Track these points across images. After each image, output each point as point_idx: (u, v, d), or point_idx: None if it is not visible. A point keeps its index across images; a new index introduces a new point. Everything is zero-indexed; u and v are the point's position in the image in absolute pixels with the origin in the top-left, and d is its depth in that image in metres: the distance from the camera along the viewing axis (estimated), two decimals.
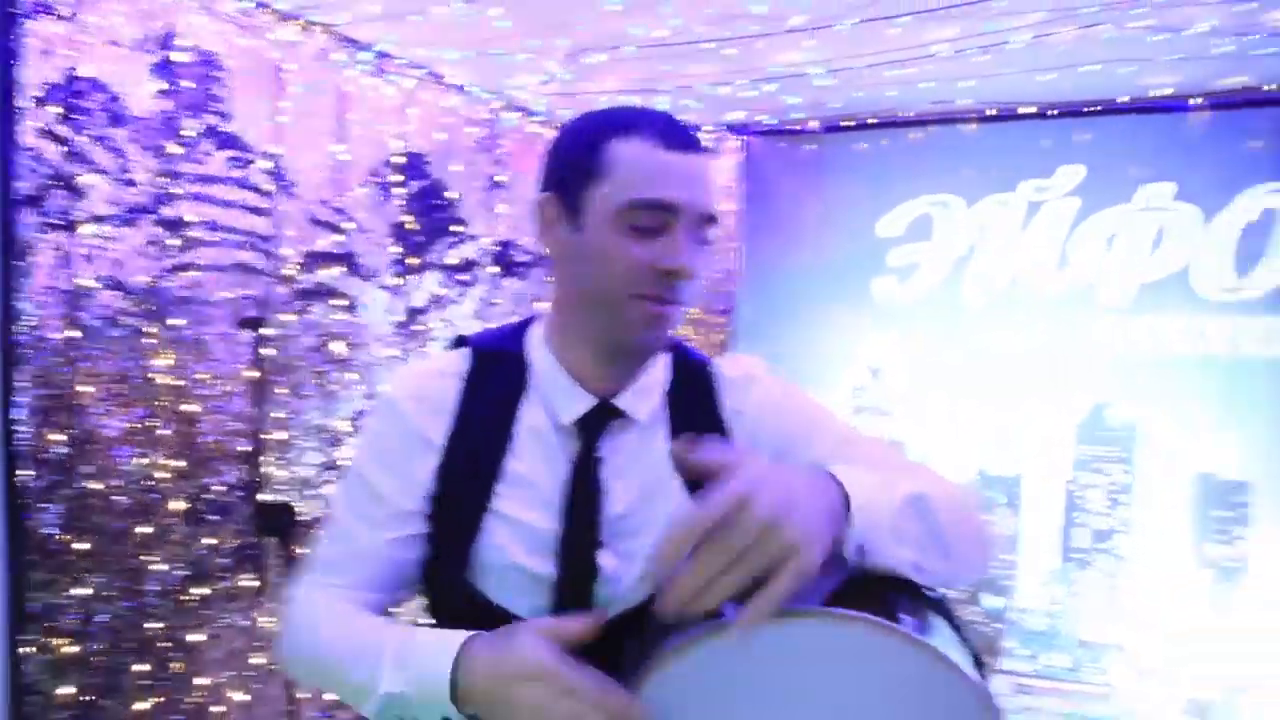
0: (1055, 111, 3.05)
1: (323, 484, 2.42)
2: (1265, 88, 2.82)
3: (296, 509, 2.09)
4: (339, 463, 2.44)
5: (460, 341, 1.07)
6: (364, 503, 1.01)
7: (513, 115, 3.10)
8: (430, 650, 0.86)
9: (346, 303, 2.49)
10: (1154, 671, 3.07)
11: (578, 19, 2.31)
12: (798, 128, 3.35)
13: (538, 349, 1.02)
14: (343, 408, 2.48)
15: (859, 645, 0.71)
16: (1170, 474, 3.09)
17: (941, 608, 0.82)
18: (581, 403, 0.99)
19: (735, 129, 3.40)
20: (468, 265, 2.96)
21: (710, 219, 0.95)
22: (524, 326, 1.07)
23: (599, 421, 0.99)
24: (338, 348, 2.44)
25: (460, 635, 0.85)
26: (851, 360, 3.40)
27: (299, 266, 2.36)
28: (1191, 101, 2.90)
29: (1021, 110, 3.09)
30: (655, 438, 1.02)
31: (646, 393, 1.02)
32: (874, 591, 0.78)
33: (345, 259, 2.49)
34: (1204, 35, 2.43)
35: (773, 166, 3.42)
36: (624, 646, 0.85)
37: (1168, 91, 2.90)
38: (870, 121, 3.25)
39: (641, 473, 1.00)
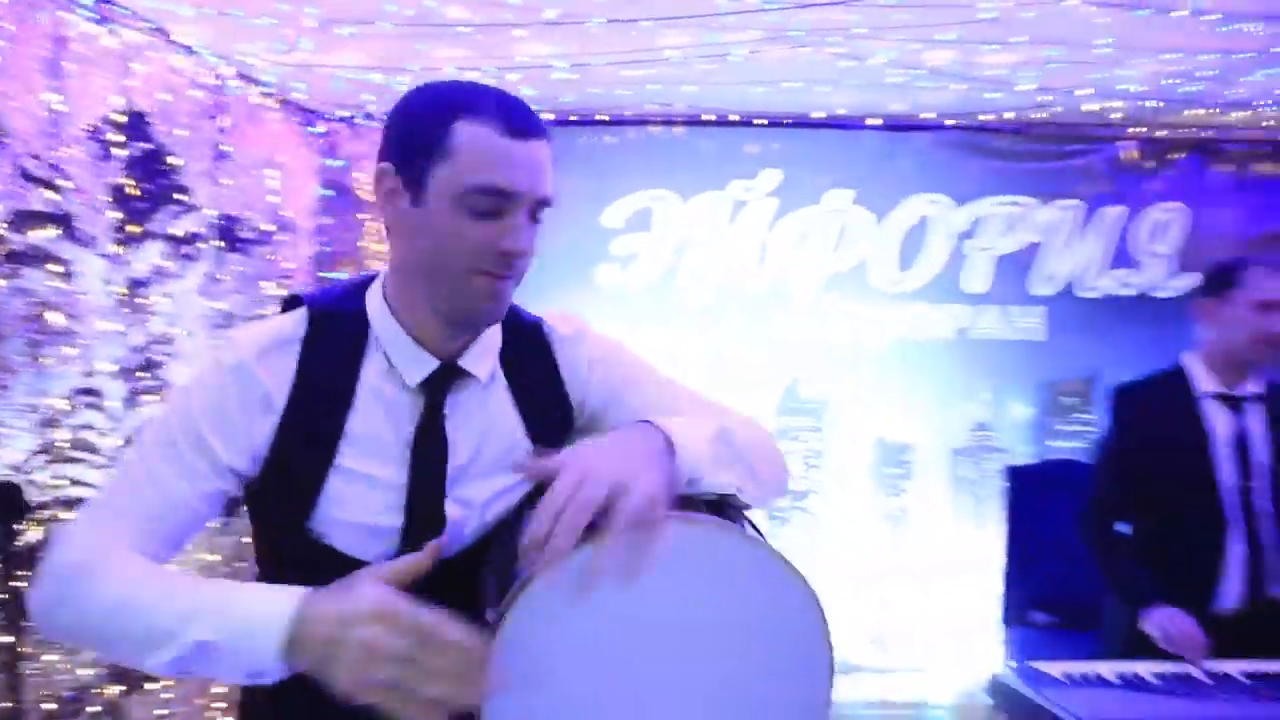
0: (763, 121, 3.46)
1: (34, 470, 2.17)
2: (923, 115, 3.41)
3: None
4: (56, 445, 2.19)
5: (295, 301, 1.09)
6: (187, 453, 1.00)
7: (240, 84, 2.95)
8: (261, 601, 0.88)
9: (62, 269, 2.26)
10: (843, 611, 3.56)
11: None
12: None
13: (378, 310, 1.05)
14: (57, 385, 2.24)
15: (706, 543, 0.86)
16: (855, 440, 3.61)
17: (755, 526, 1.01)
18: (427, 365, 1.04)
19: None
20: (191, 238, 2.78)
21: (546, 202, 1.01)
22: (361, 286, 1.09)
23: (443, 382, 1.05)
24: (54, 318, 2.20)
25: (298, 589, 0.87)
26: None
27: (7, 225, 2.11)
28: (868, 121, 3.44)
29: (732, 117, 3.47)
30: (494, 393, 1.09)
31: (486, 352, 1.08)
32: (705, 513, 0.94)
33: (61, 221, 2.25)
34: (881, 66, 2.90)
35: None
36: (479, 580, 0.95)
37: (844, 111, 3.42)
38: (600, 118, 3.47)
39: (482, 425, 1.07)
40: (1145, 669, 1.94)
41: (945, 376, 3.56)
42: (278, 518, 1.03)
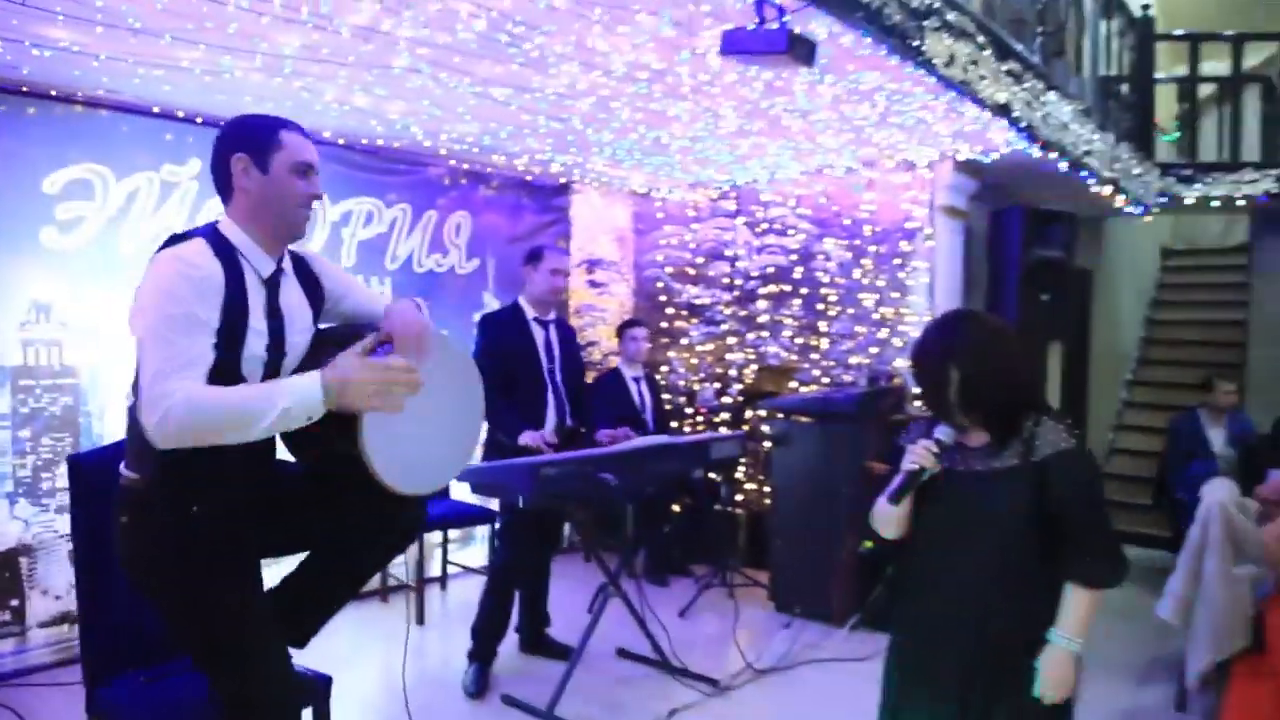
0: (201, 120, 4.25)
1: None
2: (324, 134, 4.62)
3: None
4: None
5: (182, 236, 1.92)
6: (194, 326, 1.81)
7: None
8: (301, 381, 1.89)
9: None
10: None
11: None
12: None
13: (241, 238, 1.94)
14: None
15: (447, 349, 2.23)
16: None
17: None
18: (269, 266, 2.00)
19: None
20: None
21: (318, 171, 2.11)
22: (213, 227, 1.95)
23: (275, 275, 2.09)
24: None
25: (315, 371, 1.91)
26: (19, 299, 3.88)
27: None
28: None
29: (179, 112, 4.17)
30: (293, 280, 2.14)
31: (286, 261, 2.15)
32: None
33: None
34: (283, 90, 4.05)
35: None
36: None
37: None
38: (52, 93, 3.83)
39: (290, 298, 2.12)
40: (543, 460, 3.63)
41: None
42: (222, 356, 1.86)
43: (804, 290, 5.57)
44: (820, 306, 5.51)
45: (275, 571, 2.26)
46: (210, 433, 1.79)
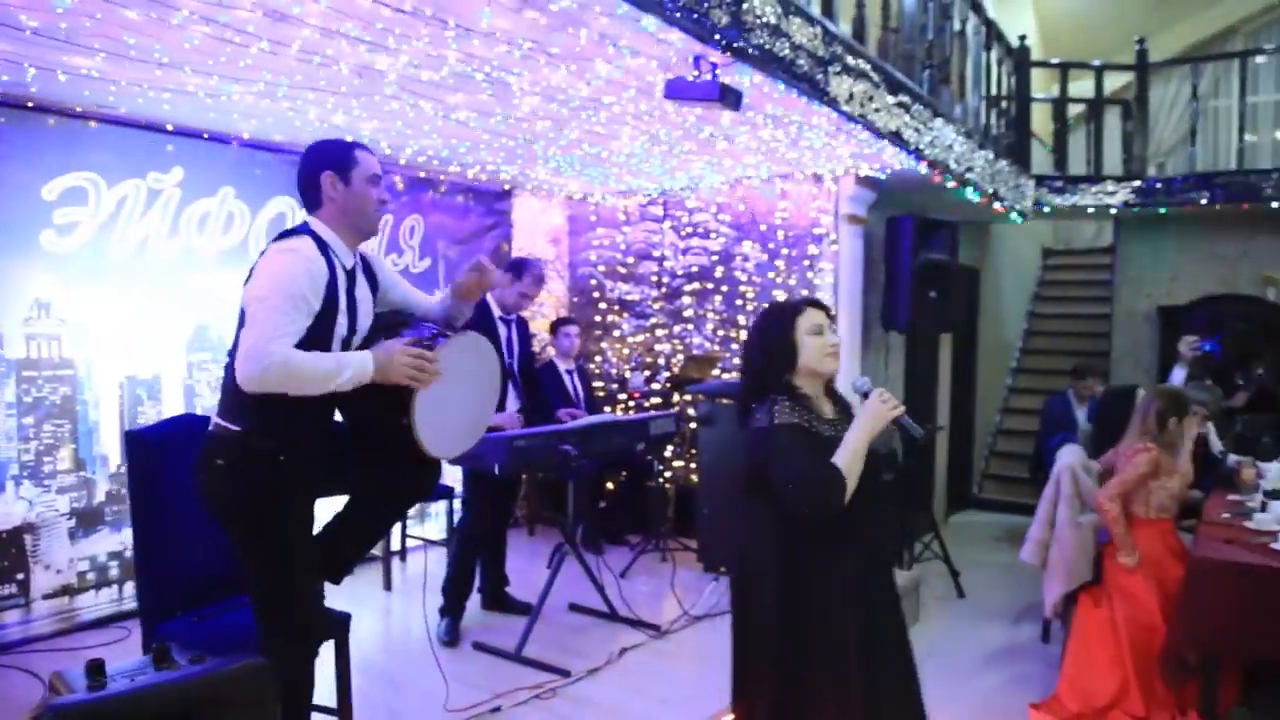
0: (170, 128, 4.64)
1: None
2: (275, 138, 5.06)
3: None
4: None
5: (292, 232, 2.56)
6: (302, 305, 2.35)
7: None
8: (360, 355, 2.51)
9: None
10: None
11: None
12: None
13: (330, 236, 2.57)
14: None
15: (476, 338, 2.83)
16: None
17: None
18: (351, 260, 2.71)
19: None
20: None
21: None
22: (307, 227, 2.54)
23: (354, 268, 2.73)
24: None
25: (369, 350, 2.55)
26: (22, 296, 4.25)
27: None
28: (245, 136, 4.94)
29: (149, 124, 4.57)
30: (362, 273, 2.76)
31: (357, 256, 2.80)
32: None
33: None
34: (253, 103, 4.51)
35: None
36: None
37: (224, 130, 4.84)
38: (45, 107, 4.19)
39: (361, 288, 2.75)
40: (515, 434, 4.18)
41: None
42: (318, 335, 2.44)
43: (724, 288, 6.24)
44: (739, 302, 6.19)
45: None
46: (296, 385, 2.35)
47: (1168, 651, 3.69)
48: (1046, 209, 7.68)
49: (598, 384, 6.76)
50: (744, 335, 6.09)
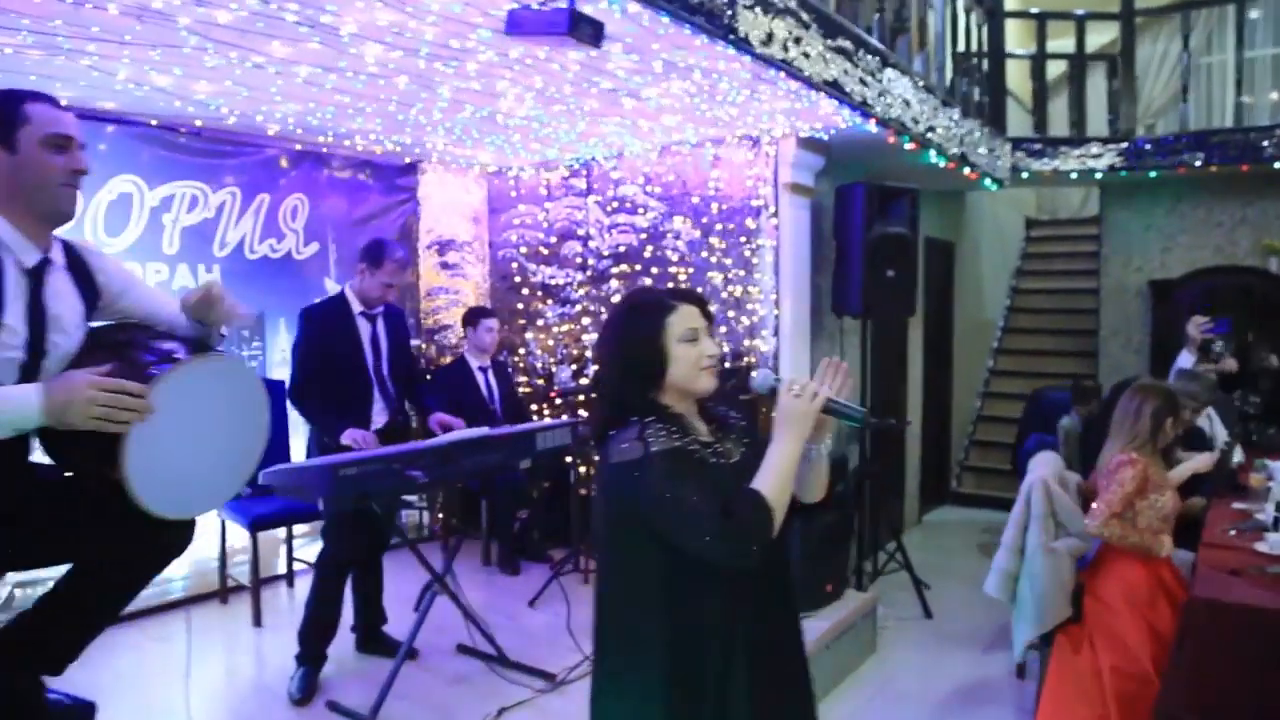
0: None
1: None
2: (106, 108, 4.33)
3: None
4: None
5: None
6: None
7: None
8: (17, 392, 1.83)
9: None
10: None
11: None
12: None
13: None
14: None
15: (233, 365, 2.15)
16: None
17: None
18: (35, 255, 1.98)
19: None
20: None
21: (82, 144, 2.00)
22: None
23: (42, 266, 2.01)
24: None
25: (38, 384, 1.83)
26: None
27: None
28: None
29: None
30: (63, 273, 2.06)
31: (57, 251, 2.08)
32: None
33: None
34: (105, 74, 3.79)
35: None
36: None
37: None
38: None
39: (59, 291, 2.05)
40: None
41: None
42: None
43: (655, 269, 5.52)
44: (671, 285, 5.46)
45: None
46: None
47: (1160, 710, 2.97)
48: (1025, 175, 6.94)
49: (522, 380, 6.05)
50: None
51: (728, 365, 4.95)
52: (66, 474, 2.10)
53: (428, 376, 5.46)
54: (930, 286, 7.12)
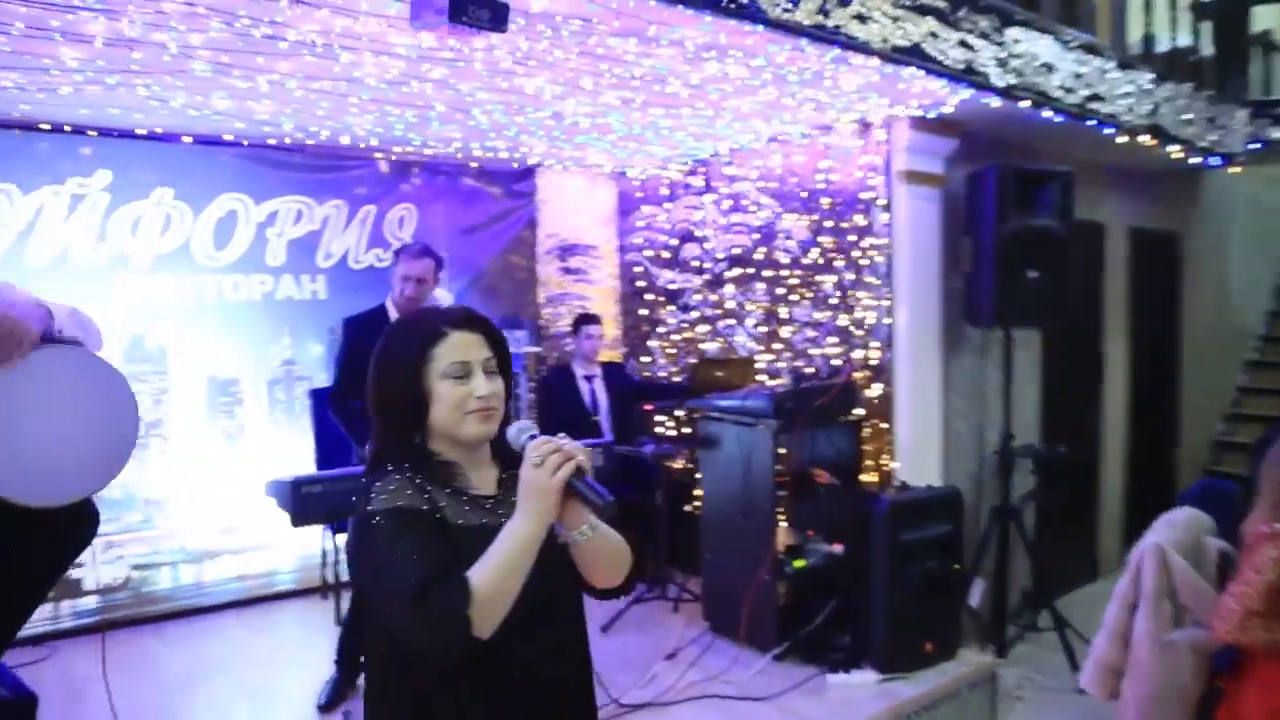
0: (94, 132, 4.34)
1: None
2: (224, 135, 4.62)
3: None
4: None
5: None
6: None
7: None
8: None
9: None
10: (197, 509, 4.67)
11: None
12: None
13: None
14: None
15: (75, 356, 2.08)
16: (192, 378, 4.71)
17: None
18: None
19: None
20: None
21: None
22: None
23: None
24: None
25: None
26: None
27: None
28: (183, 138, 4.55)
29: (65, 127, 4.29)
30: None
31: None
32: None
33: None
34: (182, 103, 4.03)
35: None
36: None
37: (161, 129, 4.46)
38: None
39: None
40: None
41: (258, 326, 4.85)
42: None
43: (766, 273, 5.02)
44: (781, 291, 4.95)
45: None
46: None
47: None
48: (1268, 147, 5.58)
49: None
50: (785, 333, 4.88)
51: (806, 384, 4.37)
52: None
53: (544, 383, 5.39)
54: (1142, 289, 5.94)
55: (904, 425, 4.43)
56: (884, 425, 4.46)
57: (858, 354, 4.54)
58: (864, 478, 4.48)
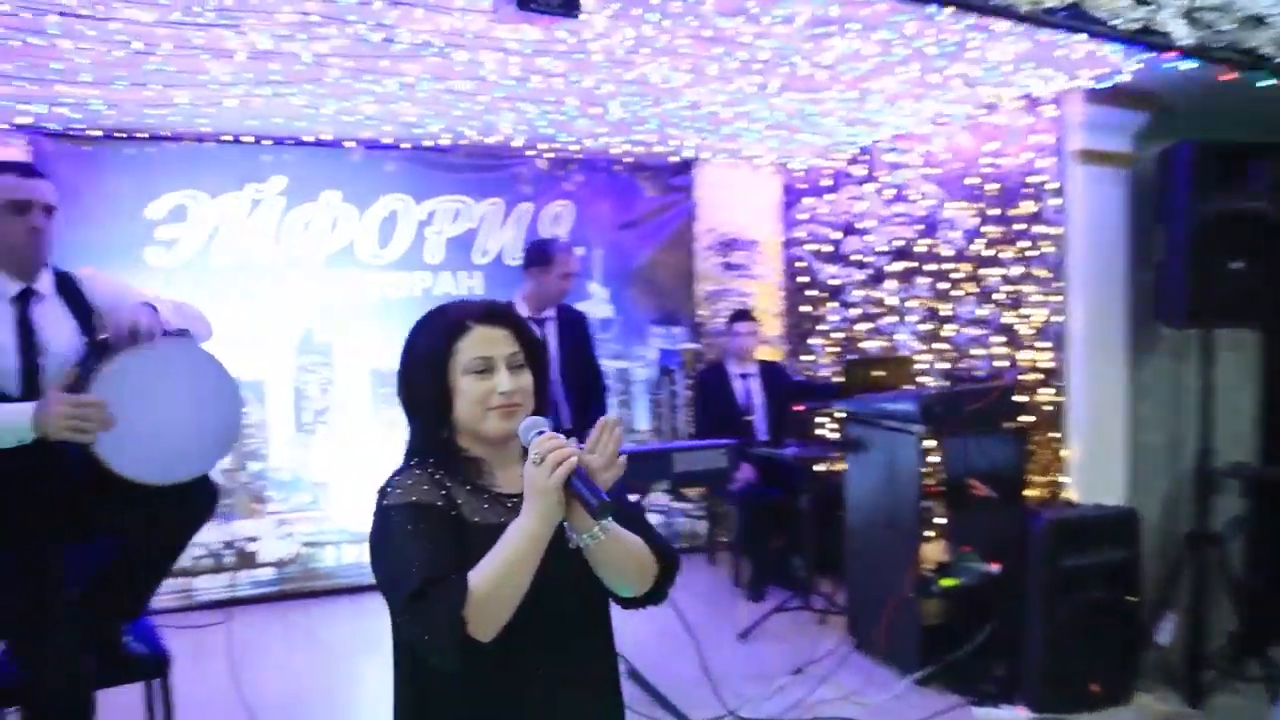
0: (270, 141, 4.68)
1: None
2: (402, 144, 4.84)
3: None
4: None
5: None
6: None
7: None
8: (15, 410, 2.13)
9: None
10: (360, 493, 4.93)
11: None
12: (78, 133, 4.37)
13: None
14: None
15: (178, 343, 2.24)
16: (357, 370, 4.98)
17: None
18: (18, 286, 2.28)
19: (23, 129, 4.27)
20: None
21: (48, 209, 2.31)
22: None
23: (26, 295, 2.29)
24: None
25: (31, 404, 2.12)
26: None
27: None
28: (345, 143, 4.81)
29: (245, 138, 4.65)
30: (54, 299, 2.34)
31: (45, 283, 2.34)
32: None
33: None
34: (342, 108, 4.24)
35: (57, 162, 4.36)
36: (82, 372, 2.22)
37: (328, 136, 4.73)
38: (141, 135, 4.46)
39: (49, 316, 2.32)
40: None
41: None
42: None
43: (929, 266, 4.64)
44: (943, 286, 4.55)
45: None
46: None
47: None
48: None
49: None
50: (946, 331, 4.51)
51: (964, 386, 3.98)
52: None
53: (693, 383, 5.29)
54: None
55: (1078, 436, 3.95)
56: (1055, 435, 4.00)
57: (1024, 356, 4.10)
58: (1029, 493, 4.03)
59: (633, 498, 4.89)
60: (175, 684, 2.67)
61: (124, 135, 4.46)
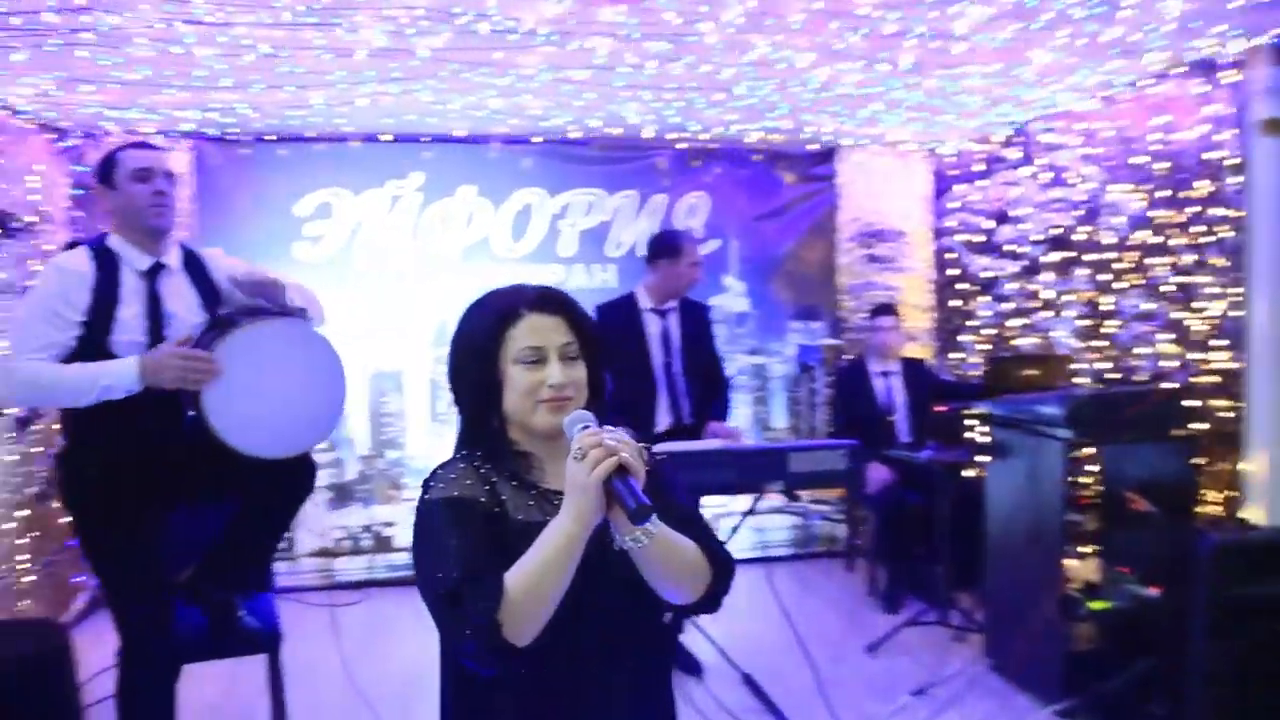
0: (412, 140, 4.83)
1: None
2: (533, 138, 4.89)
3: None
4: None
5: (73, 244, 2.44)
6: (50, 317, 2.31)
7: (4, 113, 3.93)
8: (121, 364, 2.28)
9: None
10: None
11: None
12: (234, 137, 4.67)
13: (115, 243, 2.43)
14: None
15: (301, 327, 2.35)
16: None
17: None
18: (149, 260, 2.43)
19: (187, 135, 4.60)
20: None
21: (169, 175, 2.45)
22: (101, 237, 2.44)
23: (156, 269, 2.43)
24: None
25: (136, 357, 2.27)
26: None
27: None
28: (487, 139, 4.89)
29: (384, 136, 4.81)
30: (181, 277, 2.48)
31: (174, 258, 2.47)
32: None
33: None
34: (474, 105, 4.30)
35: (217, 164, 4.69)
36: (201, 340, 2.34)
37: (464, 132, 4.82)
38: (287, 137, 4.71)
39: (175, 290, 2.46)
40: None
41: None
42: (96, 342, 2.32)
43: (1088, 256, 4.21)
44: (1104, 277, 4.12)
45: None
46: (48, 399, 2.49)
47: None
48: None
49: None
50: (1107, 328, 4.10)
51: (1121, 388, 3.57)
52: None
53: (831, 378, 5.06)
54: None
55: (1259, 448, 3.47)
56: (1232, 447, 3.54)
57: (1196, 356, 3.64)
58: (1200, 510, 3.58)
59: (733, 499, 4.65)
60: (302, 656, 2.77)
61: (274, 138, 4.70)
